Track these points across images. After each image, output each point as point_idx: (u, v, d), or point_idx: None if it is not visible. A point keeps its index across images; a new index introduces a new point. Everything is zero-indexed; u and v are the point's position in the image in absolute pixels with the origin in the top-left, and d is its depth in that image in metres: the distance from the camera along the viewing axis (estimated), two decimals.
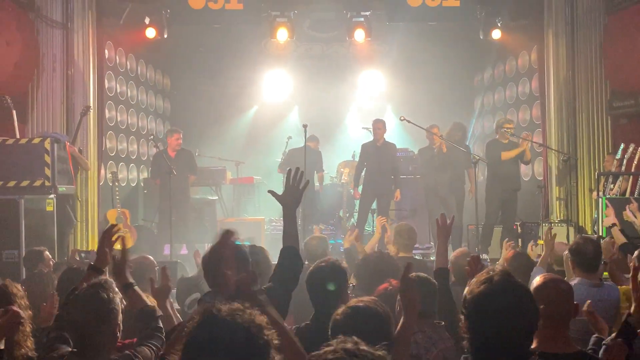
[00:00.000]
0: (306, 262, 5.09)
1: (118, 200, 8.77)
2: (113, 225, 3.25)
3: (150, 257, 5.14)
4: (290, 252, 3.02)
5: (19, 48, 7.45)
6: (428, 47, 10.77)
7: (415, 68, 11.35)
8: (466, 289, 2.00)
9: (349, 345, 1.55)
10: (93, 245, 7.86)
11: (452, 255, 4.67)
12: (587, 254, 4.09)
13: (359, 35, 9.30)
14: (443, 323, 3.22)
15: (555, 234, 4.97)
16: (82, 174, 8.12)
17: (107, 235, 3.15)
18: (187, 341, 1.62)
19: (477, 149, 10.85)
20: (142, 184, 10.62)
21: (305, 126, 8.07)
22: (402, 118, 8.39)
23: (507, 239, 7.23)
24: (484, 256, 7.24)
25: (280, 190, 3.22)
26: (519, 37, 9.97)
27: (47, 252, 5.50)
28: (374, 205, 8.98)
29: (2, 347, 2.59)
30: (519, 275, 2.43)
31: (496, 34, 9.51)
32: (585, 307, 2.93)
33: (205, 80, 11.75)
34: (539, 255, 5.02)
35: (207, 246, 5.72)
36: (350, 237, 5.92)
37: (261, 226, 9.63)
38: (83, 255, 6.74)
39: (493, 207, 8.27)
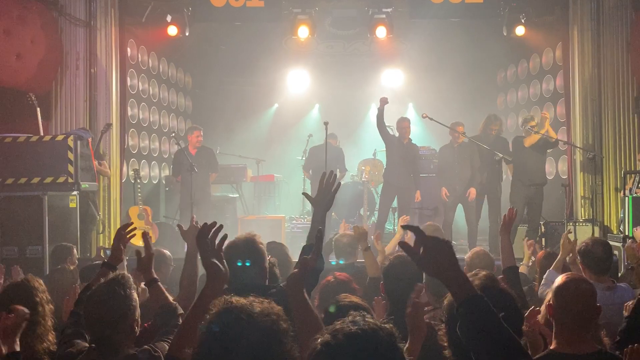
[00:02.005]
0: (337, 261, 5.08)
1: (140, 197, 8.83)
2: (128, 224, 3.25)
3: (166, 250, 5.19)
4: (310, 250, 3.00)
5: (43, 46, 7.53)
6: (450, 44, 10.68)
7: (437, 65, 11.25)
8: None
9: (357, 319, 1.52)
10: None
11: (467, 255, 4.60)
12: (596, 255, 3.95)
13: (381, 32, 9.24)
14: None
15: (575, 240, 4.82)
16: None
17: (121, 232, 3.16)
18: (205, 332, 1.62)
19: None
20: (163, 182, 10.69)
21: (326, 124, 8.04)
22: (424, 115, 8.31)
23: (526, 237, 7.12)
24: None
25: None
26: (543, 34, 9.83)
27: (75, 249, 5.56)
28: (395, 204, 8.91)
29: (18, 349, 2.60)
30: None
31: (520, 31, 9.38)
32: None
33: (226, 78, 11.79)
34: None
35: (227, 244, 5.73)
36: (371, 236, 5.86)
37: (281, 224, 9.63)
38: (108, 252, 6.79)
39: (517, 205, 8.10)
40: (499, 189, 8.36)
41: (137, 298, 2.59)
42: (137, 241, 3.91)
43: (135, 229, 3.25)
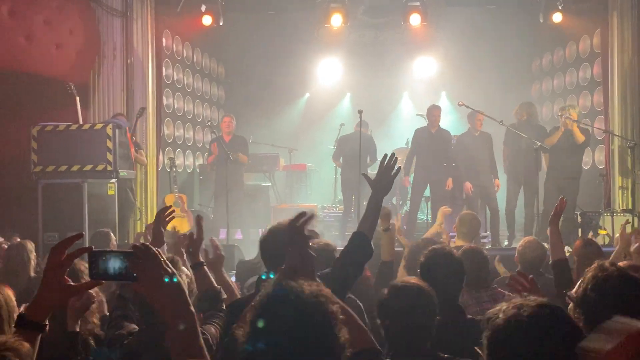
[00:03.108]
0: None
1: (175, 185, 8.96)
2: (168, 207, 3.31)
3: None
4: (360, 238, 2.96)
5: (82, 36, 7.68)
6: (485, 32, 10.54)
7: (471, 53, 11.12)
8: None
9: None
10: None
11: (518, 244, 4.52)
12: None
13: (415, 19, 9.16)
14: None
15: (636, 230, 4.69)
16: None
17: (161, 215, 3.22)
18: (255, 313, 1.65)
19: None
20: (197, 170, 10.82)
21: (360, 112, 8.02)
22: (460, 103, 8.20)
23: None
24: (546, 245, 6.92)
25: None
26: (581, 20, 9.63)
27: (112, 234, 5.68)
28: (427, 193, 8.86)
29: (78, 330, 2.68)
30: (590, 264, 2.35)
31: (557, 18, 9.21)
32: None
33: (259, 67, 11.84)
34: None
35: (260, 231, 5.79)
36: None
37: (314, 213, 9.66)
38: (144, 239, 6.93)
39: (550, 195, 7.99)
40: (536, 179, 8.23)
41: (185, 280, 2.64)
42: (181, 226, 3.98)
43: (174, 211, 3.30)
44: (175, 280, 1.56)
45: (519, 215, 8.47)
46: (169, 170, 9.11)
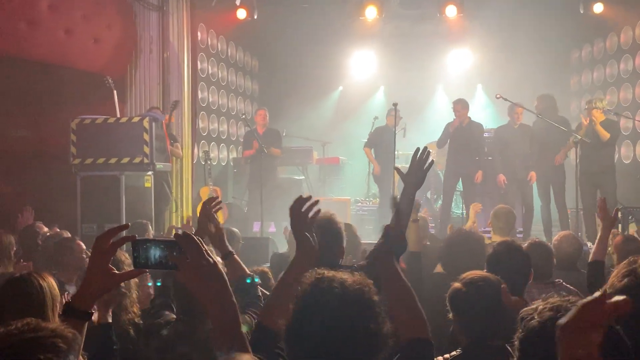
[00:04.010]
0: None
1: (210, 178, 9.04)
2: (214, 198, 3.32)
3: (235, 229, 5.32)
4: (396, 232, 2.95)
5: (119, 31, 7.78)
6: (522, 23, 10.34)
7: (508, 45, 10.93)
8: None
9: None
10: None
11: (554, 238, 4.46)
12: None
13: (451, 11, 9.04)
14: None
15: None
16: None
17: (207, 206, 3.23)
18: (298, 304, 1.65)
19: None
20: (231, 163, 10.90)
21: (395, 105, 7.96)
22: (498, 96, 8.05)
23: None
24: (588, 244, 6.72)
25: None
26: (623, 11, 9.37)
27: (150, 226, 5.75)
28: (461, 187, 8.76)
29: (110, 321, 2.70)
30: None
31: (598, 8, 8.99)
32: None
33: (292, 61, 11.85)
34: None
35: (285, 229, 5.82)
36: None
37: (347, 206, 9.65)
38: (179, 231, 7.00)
39: (585, 190, 7.79)
40: (563, 173, 8.11)
41: (224, 270, 2.65)
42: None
43: (220, 202, 3.32)
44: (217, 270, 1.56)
45: (552, 211, 8.30)
46: (203, 163, 9.20)
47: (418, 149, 2.99)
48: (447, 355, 2.49)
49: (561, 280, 3.68)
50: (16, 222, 5.43)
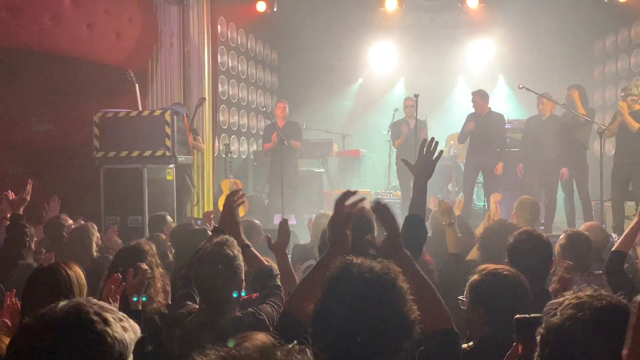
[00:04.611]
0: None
1: (231, 171, 9.08)
2: (237, 190, 3.35)
3: (256, 221, 5.34)
4: (415, 220, 2.95)
5: (140, 24, 7.83)
6: (544, 13, 10.20)
7: (530, 35, 10.79)
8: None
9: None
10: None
11: (580, 229, 4.41)
12: None
13: (472, 1, 8.95)
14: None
15: None
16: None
17: (230, 199, 3.26)
18: (326, 289, 1.65)
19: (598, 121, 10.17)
20: (252, 157, 10.94)
21: (416, 96, 7.92)
22: (520, 86, 7.95)
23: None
24: (614, 235, 6.60)
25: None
26: None
27: (168, 217, 5.79)
28: (481, 179, 8.69)
29: (140, 308, 2.74)
30: None
31: None
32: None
33: (312, 53, 11.84)
34: None
35: (313, 217, 5.82)
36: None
37: (367, 199, 9.61)
38: (199, 222, 7.06)
39: (617, 181, 7.64)
40: (585, 164, 7.99)
41: (242, 260, 2.67)
42: None
43: (243, 195, 3.35)
44: None
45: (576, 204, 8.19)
46: (224, 156, 9.24)
47: (425, 140, 3.01)
48: (464, 345, 2.49)
49: (601, 272, 3.63)
50: (43, 213, 5.50)
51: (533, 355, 1.56)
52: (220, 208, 3.34)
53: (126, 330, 1.34)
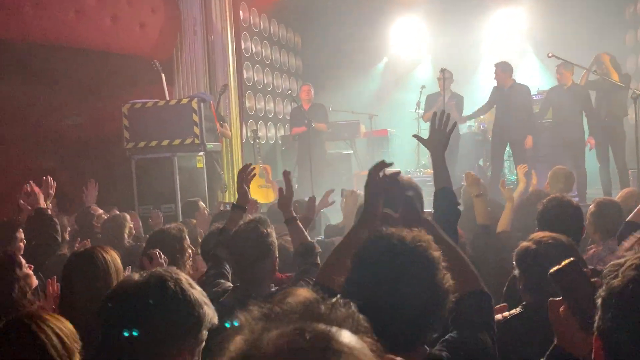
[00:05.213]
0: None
1: (259, 156, 9.12)
2: (248, 165, 3.38)
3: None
4: (445, 192, 2.90)
5: (163, 14, 7.87)
6: None
7: (559, 2, 10.52)
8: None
9: None
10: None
11: (618, 195, 4.33)
12: None
13: None
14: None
15: None
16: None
17: (243, 173, 3.30)
18: (355, 262, 1.65)
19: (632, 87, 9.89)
20: (279, 142, 10.95)
21: (443, 70, 7.81)
22: (550, 55, 7.77)
23: None
24: None
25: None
26: None
27: (201, 202, 5.86)
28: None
29: None
30: None
31: None
32: None
33: (335, 35, 11.75)
34: None
35: (342, 200, 5.82)
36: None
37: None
38: (228, 206, 7.12)
39: None
40: (622, 132, 7.77)
41: (275, 237, 2.69)
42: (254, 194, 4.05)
43: (254, 168, 3.38)
44: None
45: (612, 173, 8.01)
46: (252, 142, 9.28)
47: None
48: (506, 314, 2.46)
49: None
50: (83, 196, 5.61)
51: (580, 308, 1.51)
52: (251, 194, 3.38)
53: (200, 294, 1.43)
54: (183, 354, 1.35)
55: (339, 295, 0.83)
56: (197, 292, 1.46)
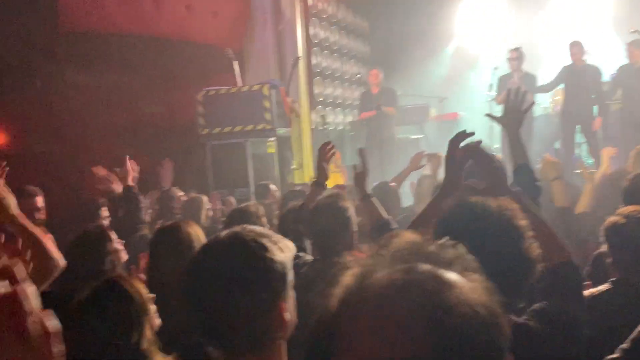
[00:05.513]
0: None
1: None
2: (328, 142, 3.44)
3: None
4: (524, 168, 2.84)
5: (234, 3, 8.03)
6: None
7: None
8: None
9: None
10: None
11: None
12: None
13: None
14: None
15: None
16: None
17: (323, 151, 3.36)
18: (439, 228, 1.64)
19: None
20: (347, 127, 10.96)
21: (517, 49, 7.60)
22: (632, 29, 7.42)
23: None
24: None
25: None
26: None
27: (272, 186, 5.98)
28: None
29: None
30: None
31: None
32: None
33: (403, 18, 11.60)
34: None
35: (412, 184, 5.78)
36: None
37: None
38: (298, 188, 7.20)
39: None
40: None
41: (354, 212, 2.72)
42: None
43: (333, 147, 3.44)
44: None
45: None
46: (321, 128, 9.33)
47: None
48: (594, 290, 2.40)
49: None
50: (160, 172, 5.83)
51: None
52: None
53: (283, 251, 1.42)
54: (280, 303, 1.38)
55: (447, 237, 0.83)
56: (277, 250, 1.47)
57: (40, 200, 3.88)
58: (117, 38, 6.81)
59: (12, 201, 2.49)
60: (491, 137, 10.12)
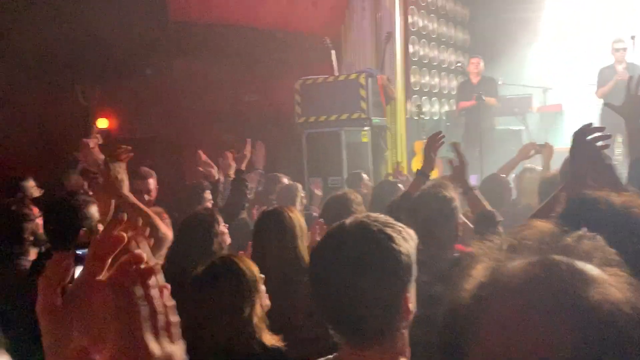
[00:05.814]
0: None
1: (423, 132, 9.01)
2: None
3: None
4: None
5: None
6: None
7: None
8: None
9: None
10: None
11: None
12: None
13: None
14: None
15: None
16: (392, 105, 8.50)
17: (432, 141, 3.30)
18: (559, 221, 1.57)
19: None
20: (444, 117, 10.74)
21: (633, 37, 7.12)
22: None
23: None
24: None
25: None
26: None
27: (364, 174, 5.98)
28: None
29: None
30: None
31: None
32: None
33: (504, 7, 11.18)
34: None
35: (514, 176, 5.57)
36: None
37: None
38: (389, 178, 7.15)
39: None
40: None
41: (458, 202, 2.67)
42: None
43: (443, 136, 3.37)
44: None
45: None
46: (416, 118, 9.19)
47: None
48: None
49: None
50: (252, 153, 5.99)
51: None
52: (414, 169, 3.40)
53: (407, 240, 1.43)
54: (405, 293, 1.38)
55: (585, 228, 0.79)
56: (401, 240, 1.46)
57: (152, 182, 4.10)
58: (221, 28, 7.03)
59: (125, 182, 2.65)
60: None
